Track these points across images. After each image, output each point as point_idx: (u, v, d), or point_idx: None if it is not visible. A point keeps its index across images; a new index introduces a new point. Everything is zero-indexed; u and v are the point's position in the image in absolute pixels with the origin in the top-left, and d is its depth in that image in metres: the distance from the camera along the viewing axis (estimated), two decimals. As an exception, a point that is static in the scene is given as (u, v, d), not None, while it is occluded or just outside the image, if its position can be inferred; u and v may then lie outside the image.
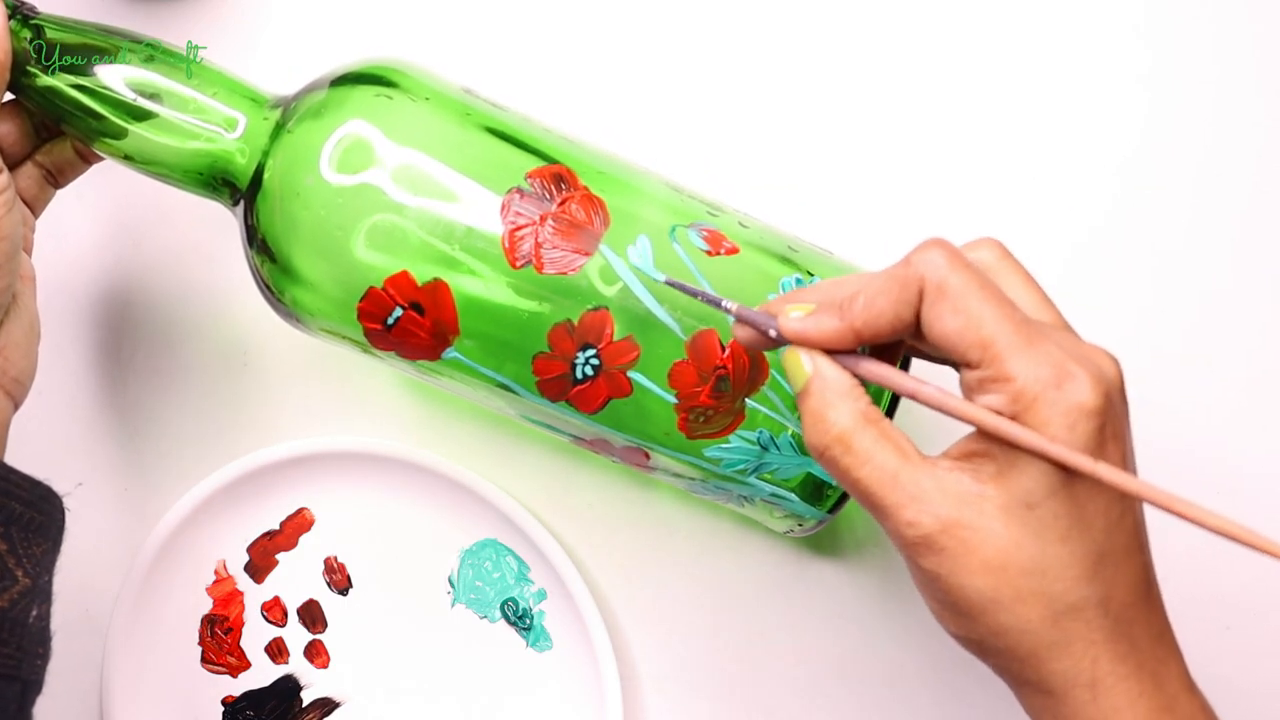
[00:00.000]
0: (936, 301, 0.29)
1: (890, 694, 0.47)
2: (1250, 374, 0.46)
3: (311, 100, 0.39)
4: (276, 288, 0.39)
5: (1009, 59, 0.48)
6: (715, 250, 0.38)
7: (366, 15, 0.50)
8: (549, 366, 0.38)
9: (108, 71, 0.39)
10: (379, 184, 0.37)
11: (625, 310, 0.37)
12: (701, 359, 0.37)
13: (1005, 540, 0.29)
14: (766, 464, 0.39)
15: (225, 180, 0.40)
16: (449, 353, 0.38)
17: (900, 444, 0.30)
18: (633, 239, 0.38)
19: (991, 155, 0.47)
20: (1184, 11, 0.47)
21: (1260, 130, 0.47)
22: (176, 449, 0.50)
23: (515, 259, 0.37)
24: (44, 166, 0.42)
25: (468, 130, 0.39)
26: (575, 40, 0.49)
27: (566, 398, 0.38)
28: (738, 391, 0.38)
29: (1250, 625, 0.46)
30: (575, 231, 0.37)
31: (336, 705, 0.49)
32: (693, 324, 0.37)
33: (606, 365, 0.37)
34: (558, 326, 0.37)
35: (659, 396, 0.38)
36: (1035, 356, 0.28)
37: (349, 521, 0.49)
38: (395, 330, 0.38)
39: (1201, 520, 0.28)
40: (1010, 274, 0.32)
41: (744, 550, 0.48)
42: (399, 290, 0.37)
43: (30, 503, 0.37)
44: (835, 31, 0.48)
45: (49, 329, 0.50)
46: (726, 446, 0.38)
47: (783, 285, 0.39)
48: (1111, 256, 0.47)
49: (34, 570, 0.36)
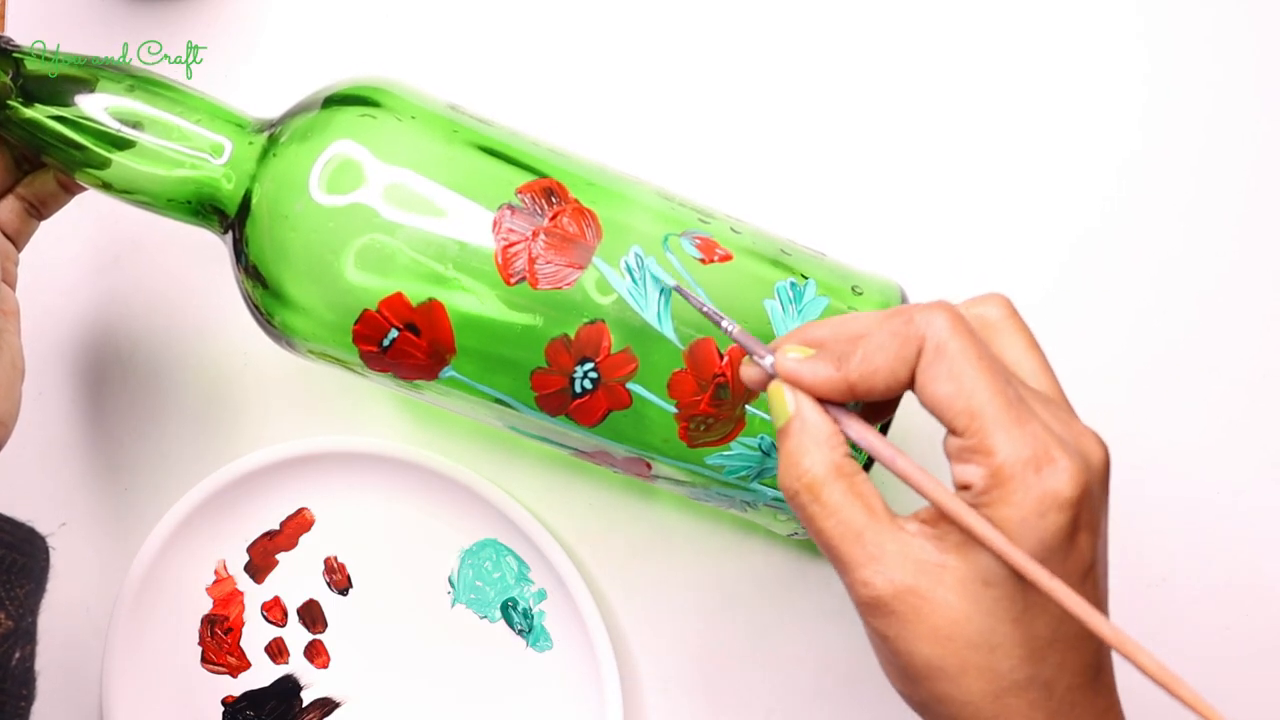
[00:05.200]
0: (933, 364, 0.29)
1: (890, 695, 0.47)
2: (1250, 375, 0.46)
3: (297, 123, 0.39)
4: (268, 312, 0.39)
5: (1009, 60, 0.48)
6: (709, 258, 0.38)
7: (366, 16, 0.50)
8: (547, 381, 0.38)
9: (88, 101, 0.39)
10: (369, 204, 0.37)
11: (622, 322, 0.37)
12: (700, 368, 0.37)
13: (957, 612, 0.29)
14: (769, 469, 0.39)
15: (212, 207, 0.39)
16: (446, 372, 0.38)
17: (870, 501, 0.30)
18: (626, 250, 0.38)
19: (991, 156, 0.47)
20: (1184, 13, 0.47)
21: (1260, 131, 0.47)
22: (176, 449, 0.50)
23: (509, 276, 0.37)
24: (26, 199, 0.41)
25: (455, 147, 0.39)
26: (560, 51, 0.49)
27: (566, 411, 0.38)
28: (737, 399, 0.38)
29: (1250, 625, 0.46)
30: (568, 245, 0.37)
31: (336, 705, 0.49)
32: (690, 333, 0.37)
33: (605, 378, 0.37)
34: (554, 341, 0.37)
35: (659, 407, 0.38)
36: (1020, 435, 0.28)
37: (349, 521, 0.49)
38: (391, 352, 0.38)
39: (1145, 667, 0.27)
40: (1013, 334, 0.32)
41: (744, 550, 0.48)
42: (393, 312, 0.37)
43: (12, 545, 0.37)
44: (831, 30, 0.48)
45: (49, 328, 0.50)
46: (728, 454, 0.38)
47: (777, 290, 0.38)
48: (1111, 257, 0.47)
49: (17, 612, 0.36)
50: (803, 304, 0.39)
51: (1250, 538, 0.46)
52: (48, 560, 0.39)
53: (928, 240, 0.47)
